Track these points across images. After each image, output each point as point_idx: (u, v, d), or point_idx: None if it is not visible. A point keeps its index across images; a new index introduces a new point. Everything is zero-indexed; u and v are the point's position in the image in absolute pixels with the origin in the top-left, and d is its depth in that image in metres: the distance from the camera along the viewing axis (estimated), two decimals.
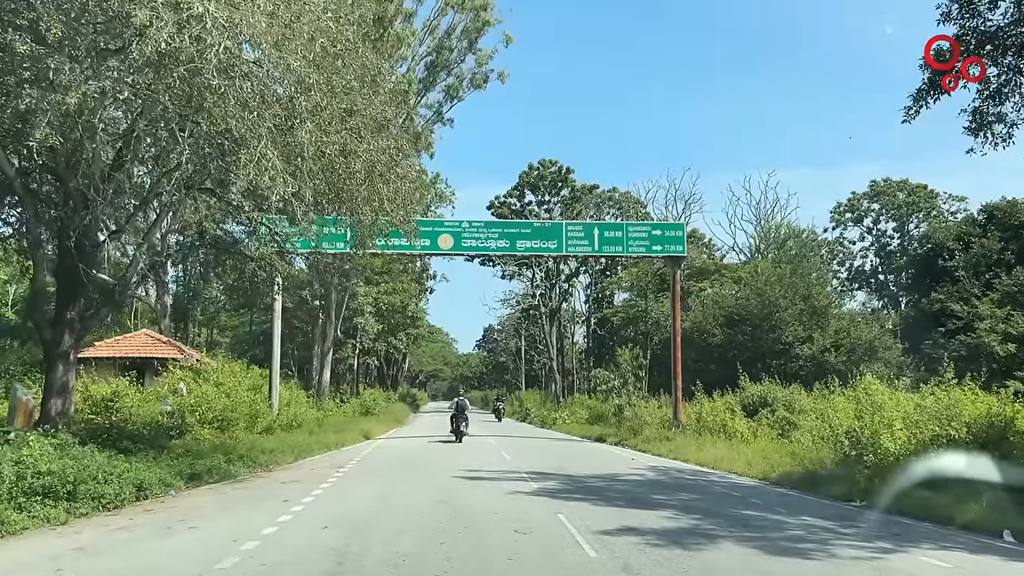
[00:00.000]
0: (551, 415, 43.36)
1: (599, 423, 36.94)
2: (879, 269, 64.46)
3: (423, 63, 40.99)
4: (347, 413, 38.62)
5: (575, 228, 28.71)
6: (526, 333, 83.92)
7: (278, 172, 12.54)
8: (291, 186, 12.51)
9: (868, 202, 64.27)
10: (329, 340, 41.89)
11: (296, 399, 31.46)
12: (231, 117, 11.98)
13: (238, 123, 12.01)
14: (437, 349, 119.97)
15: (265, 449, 19.94)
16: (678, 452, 22.26)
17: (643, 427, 27.75)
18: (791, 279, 45.30)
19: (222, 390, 24.15)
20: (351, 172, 14.86)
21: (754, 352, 42.03)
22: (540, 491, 13.57)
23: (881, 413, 18.70)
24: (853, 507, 13.24)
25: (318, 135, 13.02)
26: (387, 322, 52.84)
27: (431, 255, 33.13)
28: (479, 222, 28.40)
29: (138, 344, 31.33)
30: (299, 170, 13.75)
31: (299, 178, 13.80)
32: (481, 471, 16.83)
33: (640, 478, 16.44)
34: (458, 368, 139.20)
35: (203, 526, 9.93)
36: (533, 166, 63.25)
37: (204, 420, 22.03)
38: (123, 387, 23.33)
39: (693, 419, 27.27)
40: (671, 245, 28.45)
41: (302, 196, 14.32)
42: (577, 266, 65.77)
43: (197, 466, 15.77)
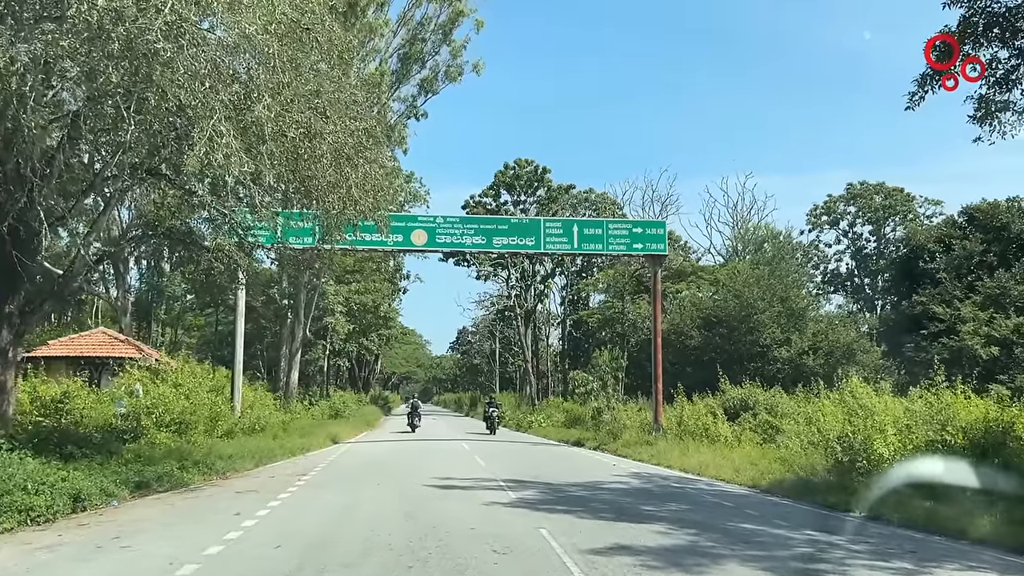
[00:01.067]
0: (527, 418, 42.29)
1: (576, 426, 35.97)
2: (855, 272, 64.25)
3: (396, 56, 39.86)
4: (315, 416, 37.28)
5: (554, 225, 27.73)
6: (500, 335, 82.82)
7: (233, 151, 11.38)
8: (247, 166, 11.34)
9: (844, 205, 64.07)
10: (298, 340, 40.47)
11: (261, 401, 30.14)
12: (180, 88, 10.83)
13: (188, 95, 10.84)
14: (410, 351, 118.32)
15: (223, 455, 18.72)
16: (661, 457, 21.31)
17: (622, 431, 26.79)
18: (769, 281, 44.76)
19: (181, 391, 22.90)
20: (316, 156, 13.71)
21: (732, 355, 41.42)
22: (519, 502, 12.51)
23: (873, 417, 17.98)
24: (854, 518, 12.33)
25: (279, 111, 11.88)
26: (358, 322, 51.46)
27: (404, 252, 31.91)
28: (454, 218, 27.33)
29: (94, 343, 29.83)
30: (258, 151, 12.62)
31: (258, 160, 12.67)
32: (454, 479, 15.74)
33: (625, 486, 15.43)
34: (431, 370, 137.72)
35: (138, 545, 8.75)
36: (509, 165, 62.23)
37: (161, 423, 20.78)
38: (74, 388, 22.03)
39: (674, 423, 26.37)
40: (652, 243, 27.55)
41: (262, 180, 13.20)
42: (553, 267, 64.88)
43: (146, 473, 14.54)
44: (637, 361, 42.55)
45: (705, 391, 29.39)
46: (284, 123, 12.96)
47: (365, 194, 14.01)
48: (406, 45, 39.25)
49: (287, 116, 12.94)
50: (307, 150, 13.68)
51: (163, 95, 11.54)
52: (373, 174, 13.97)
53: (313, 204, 15.22)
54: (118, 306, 39.07)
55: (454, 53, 40.60)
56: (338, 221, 15.26)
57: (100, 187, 14.98)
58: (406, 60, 39.42)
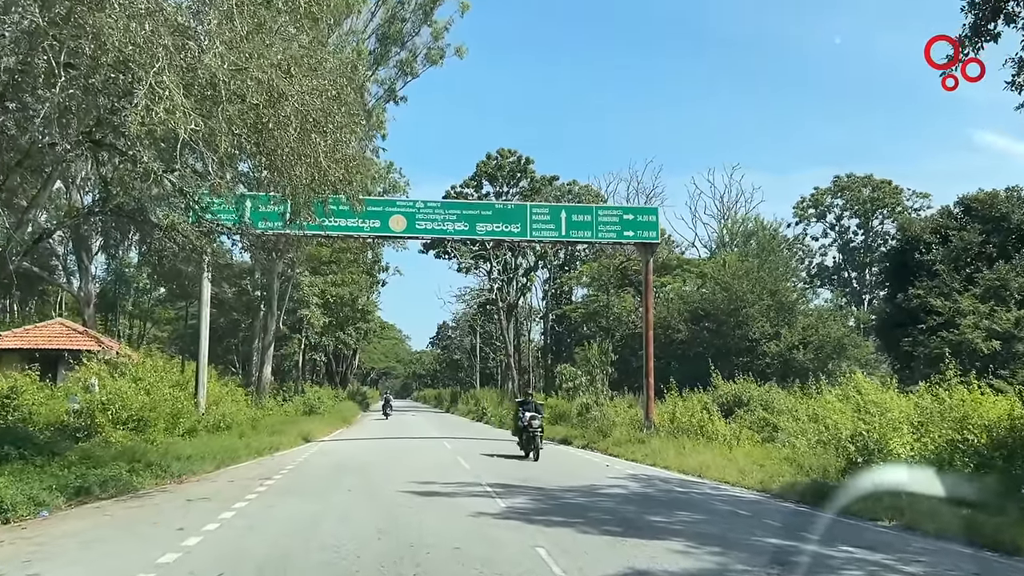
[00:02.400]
0: (509, 414, 40.71)
1: (561, 423, 34.47)
2: (842, 266, 63.32)
3: (374, 36, 38.13)
4: (289, 412, 35.51)
5: (540, 211, 26.15)
6: (481, 330, 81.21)
7: (179, 106, 9.78)
8: (196, 124, 9.72)
9: (831, 197, 63.15)
10: (270, 334, 38.64)
11: (228, 397, 28.36)
12: (115, 29, 9.23)
13: (124, 38, 9.24)
14: (389, 346, 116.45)
15: (181, 455, 17.07)
16: (656, 457, 19.89)
17: (612, 428, 25.34)
18: (759, 273, 43.58)
19: (141, 386, 21.25)
20: (280, 121, 12.09)
21: (720, 349, 40.23)
22: (509, 512, 10.96)
23: (887, 415, 16.72)
24: (886, 529, 10.96)
25: (234, 65, 10.27)
26: (335, 316, 49.63)
27: (382, 238, 30.24)
28: (435, 202, 25.72)
29: (50, 335, 27.93)
30: (211, 111, 11.01)
31: (213, 122, 11.07)
32: (435, 483, 14.17)
33: (624, 491, 13.94)
34: (411, 366, 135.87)
35: (48, 572, 7.13)
36: (491, 155, 60.75)
37: (117, 420, 19.24)
38: (23, 382, 20.31)
39: (666, 420, 24.97)
40: (643, 231, 26.09)
41: (215, 144, 11.54)
42: (536, 260, 63.44)
43: (90, 477, 12.93)
44: (622, 356, 41.21)
45: (694, 386, 28.10)
46: (242, 82, 11.37)
47: (336, 164, 12.40)
48: (385, 24, 37.52)
49: (245, 73, 11.33)
50: (271, 116, 12.09)
51: (100, 44, 9.94)
52: (344, 141, 12.37)
53: (277, 176, 13.63)
54: (81, 296, 37.00)
55: (436, 35, 38.96)
56: (307, 197, 13.66)
57: (37, 158, 13.28)
58: (384, 40, 37.71)
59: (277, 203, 16.48)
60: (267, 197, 17.38)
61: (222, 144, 11.41)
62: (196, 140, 11.21)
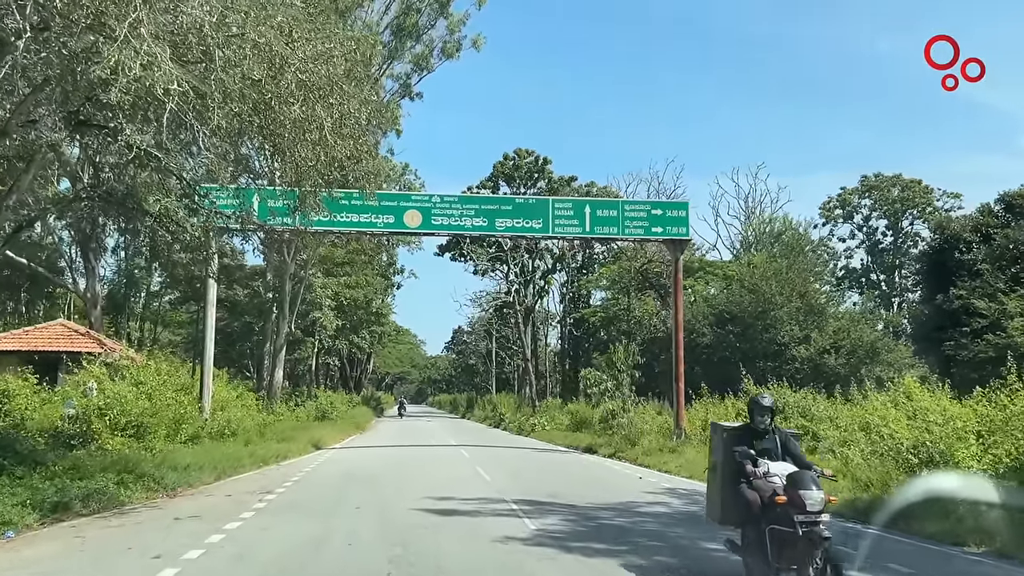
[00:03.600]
0: (528, 421, 39.27)
1: (583, 430, 33.04)
2: (871, 268, 61.36)
3: (389, 30, 36.86)
4: (300, 418, 34.21)
5: (563, 206, 24.70)
6: (498, 334, 79.71)
7: (158, 61, 8.43)
8: (175, 81, 8.37)
9: (859, 198, 61.24)
10: (282, 336, 37.35)
11: (239, 402, 27.07)
12: None
13: None
14: (404, 351, 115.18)
15: (178, 465, 15.75)
16: (692, 469, 18.33)
17: (640, 436, 23.78)
18: (787, 275, 41.87)
19: (142, 390, 19.96)
20: (282, 94, 10.73)
21: (746, 353, 38.58)
22: (541, 535, 9.48)
23: (951, 423, 15.13)
24: (978, 558, 9.41)
25: (220, 14, 8.92)
26: (348, 318, 48.31)
27: (396, 235, 28.93)
28: (452, 196, 24.32)
29: (50, 336, 26.73)
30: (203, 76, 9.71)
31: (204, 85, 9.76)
32: (453, 498, 12.71)
33: (666, 509, 12.42)
34: (426, 370, 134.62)
35: None
36: (508, 156, 59.39)
37: (115, 426, 17.98)
38: (16, 386, 19.11)
39: (697, 427, 23.41)
40: (673, 227, 24.59)
41: (207, 117, 10.21)
42: (553, 262, 62.00)
43: (72, 490, 11.61)
44: (645, 361, 39.67)
45: (722, 392, 26.61)
46: (239, 48, 10.05)
47: (343, 140, 11.00)
48: (400, 16, 36.25)
49: (242, 39, 10.02)
50: (272, 91, 10.76)
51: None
52: (352, 114, 10.97)
53: (280, 158, 12.27)
54: (87, 298, 35.87)
55: (452, 28, 37.71)
56: (313, 181, 12.26)
57: (17, 139, 11.99)
58: (399, 33, 36.42)
59: (284, 196, 15.25)
60: (274, 191, 16.09)
61: (215, 116, 10.07)
62: (185, 111, 9.90)
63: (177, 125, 10.74)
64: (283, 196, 15.31)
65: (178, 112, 9.80)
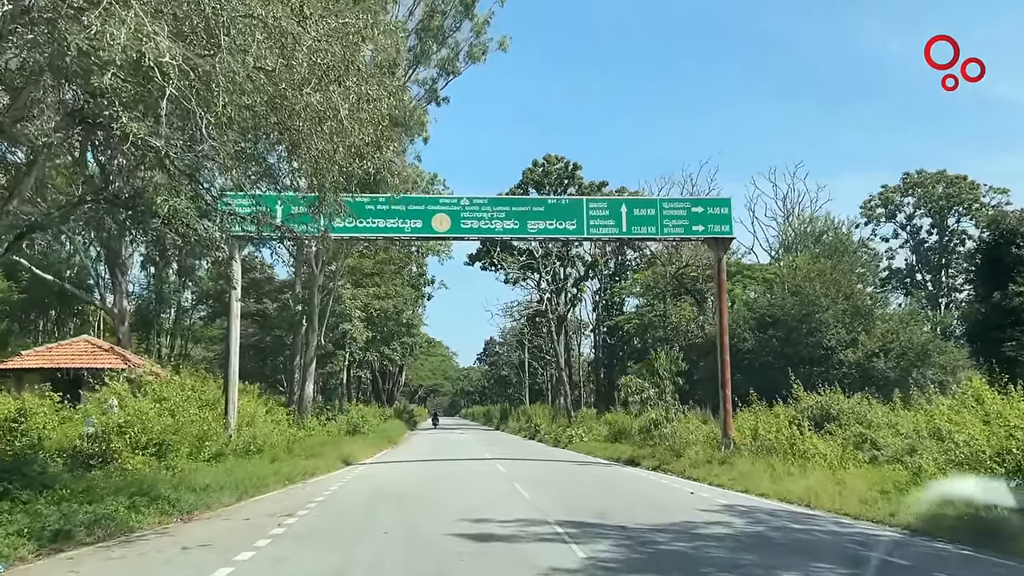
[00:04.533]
0: (565, 432, 37.94)
1: (622, 441, 31.69)
2: (916, 267, 59.16)
3: (413, 35, 36.01)
4: (331, 432, 33.25)
5: (598, 206, 23.49)
6: (530, 344, 78.45)
7: (147, 32, 7.46)
8: (167, 54, 7.38)
9: (901, 196, 59.15)
10: (312, 349, 36.54)
11: (268, 417, 26.15)
12: None
13: None
14: (437, 363, 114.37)
15: (198, 485, 14.79)
16: (746, 482, 16.96)
17: (685, 447, 22.40)
18: (832, 275, 40.15)
19: (165, 407, 19.14)
20: (293, 76, 9.74)
21: (790, 358, 36.95)
22: (592, 565, 8.25)
23: None
24: None
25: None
26: (379, 330, 47.40)
27: (424, 239, 27.90)
28: (481, 198, 23.20)
29: (73, 353, 26.06)
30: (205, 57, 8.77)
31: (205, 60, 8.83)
32: (491, 520, 11.52)
33: (729, 530, 11.09)
34: (459, 382, 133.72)
35: None
36: (538, 162, 58.34)
37: (136, 444, 17.11)
38: (32, 404, 18.33)
39: (747, 437, 21.99)
40: (715, 225, 23.26)
41: (212, 104, 9.24)
42: (585, 270, 60.74)
43: (78, 517, 10.67)
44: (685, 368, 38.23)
45: (769, 399, 25.21)
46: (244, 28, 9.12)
47: (361, 126, 9.94)
48: (425, 19, 35.39)
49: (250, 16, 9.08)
50: (283, 73, 9.77)
51: None
52: (371, 97, 9.91)
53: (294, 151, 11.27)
54: (115, 314, 35.38)
55: (477, 29, 36.77)
56: (332, 177, 11.20)
57: (10, 134, 11.11)
58: (424, 36, 35.55)
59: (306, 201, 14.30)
60: (296, 198, 15.14)
61: (220, 102, 9.10)
62: (188, 96, 8.92)
63: (181, 116, 9.78)
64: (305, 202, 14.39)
65: (180, 98, 8.85)
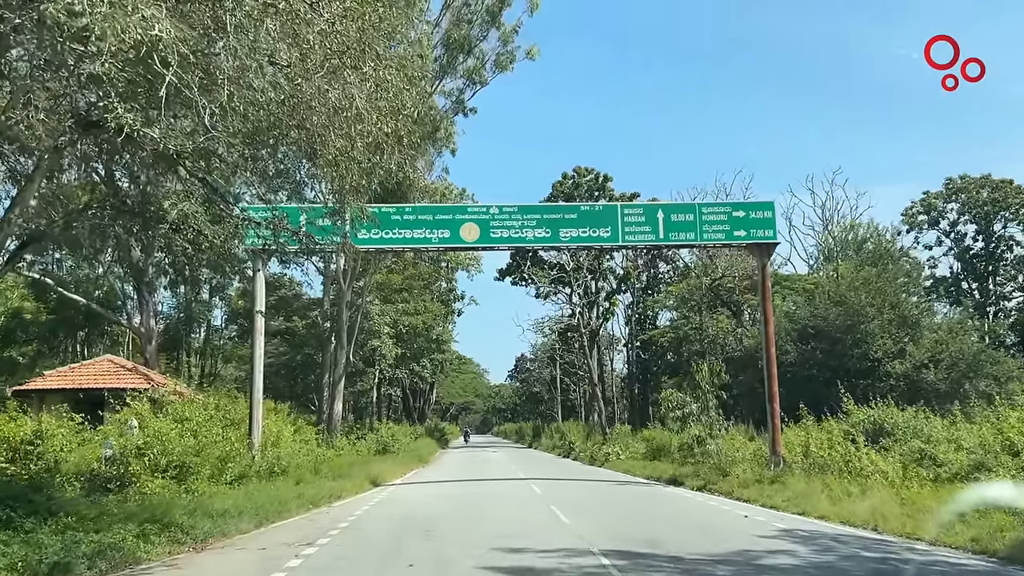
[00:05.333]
0: (601, 450, 36.64)
1: (662, 458, 30.36)
2: (961, 276, 57.07)
3: (440, 46, 35.35)
4: (361, 451, 32.38)
5: (633, 212, 22.45)
6: (561, 360, 77.13)
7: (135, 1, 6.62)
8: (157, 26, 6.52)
9: (943, 202, 57.22)
10: (340, 367, 35.77)
11: (297, 436, 25.29)
12: None
13: None
14: (468, 380, 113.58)
15: (215, 511, 13.88)
16: (803, 504, 15.67)
17: (731, 465, 21.09)
18: (878, 283, 38.59)
19: (187, 427, 18.37)
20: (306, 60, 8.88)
21: (835, 371, 35.58)
22: None
23: None
24: None
25: None
26: (408, 347, 46.57)
27: (452, 250, 27.00)
28: (511, 206, 22.25)
29: (96, 373, 25.50)
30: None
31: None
32: (528, 549, 10.44)
33: (795, 560, 9.87)
34: (490, 400, 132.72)
35: None
36: (567, 175, 57.39)
37: (156, 467, 16.31)
38: (48, 426, 17.61)
39: (798, 453, 20.66)
40: (758, 229, 22.07)
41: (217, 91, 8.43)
42: (617, 283, 59.48)
43: (80, 547, 9.83)
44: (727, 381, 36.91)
45: (818, 413, 23.85)
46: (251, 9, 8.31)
47: (380, 115, 9.03)
48: (451, 28, 34.72)
49: None
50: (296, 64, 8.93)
51: None
52: (391, 83, 9.00)
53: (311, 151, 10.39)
54: (142, 333, 34.94)
55: (504, 39, 36.04)
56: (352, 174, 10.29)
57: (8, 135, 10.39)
58: (450, 46, 34.87)
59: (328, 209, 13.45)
60: (320, 209, 14.31)
61: (225, 89, 8.27)
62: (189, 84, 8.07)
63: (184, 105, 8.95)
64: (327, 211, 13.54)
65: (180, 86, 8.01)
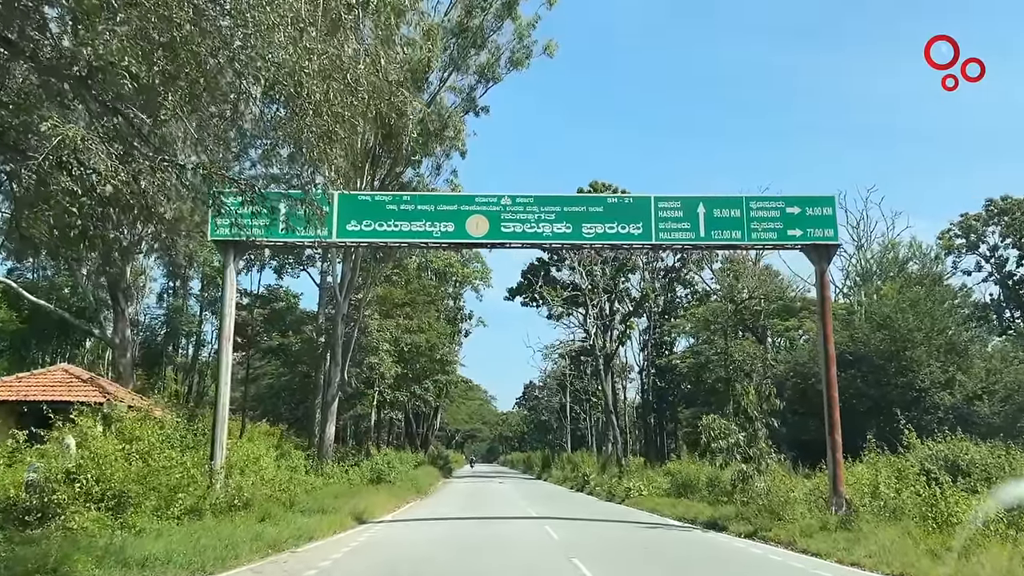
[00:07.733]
0: (620, 485, 32.95)
1: (689, 495, 26.83)
2: (1002, 303, 53.44)
3: (452, 39, 32.45)
4: (352, 480, 28.85)
5: (669, 205, 19.09)
6: (572, 388, 73.48)
7: None
8: None
9: (983, 225, 53.81)
10: (335, 386, 32.40)
11: (270, 462, 21.94)
12: None
13: None
14: (475, 407, 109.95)
15: (136, 558, 10.68)
16: (891, 561, 12.14)
17: (783, 507, 17.51)
18: (928, 306, 35.09)
19: (136, 449, 15.20)
20: None
21: (877, 401, 32.15)
22: None
23: None
24: None
25: None
26: (410, 367, 43.17)
27: (457, 246, 23.71)
28: (526, 197, 19.02)
29: (46, 384, 22.37)
30: None
31: None
32: None
33: None
34: (497, 427, 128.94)
35: None
36: (583, 190, 54.34)
37: (89, 496, 13.19)
38: None
39: (865, 495, 17.15)
40: (816, 228, 18.77)
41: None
42: (634, 306, 56.18)
43: None
44: None
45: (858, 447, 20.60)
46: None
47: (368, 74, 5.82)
48: (463, 17, 31.80)
49: None
50: None
51: None
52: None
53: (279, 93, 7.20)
54: (115, 344, 31.75)
55: (519, 33, 33.08)
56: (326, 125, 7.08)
57: None
58: (461, 36, 31.93)
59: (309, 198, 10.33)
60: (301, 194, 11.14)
61: None
62: None
63: None
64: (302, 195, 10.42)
65: None
